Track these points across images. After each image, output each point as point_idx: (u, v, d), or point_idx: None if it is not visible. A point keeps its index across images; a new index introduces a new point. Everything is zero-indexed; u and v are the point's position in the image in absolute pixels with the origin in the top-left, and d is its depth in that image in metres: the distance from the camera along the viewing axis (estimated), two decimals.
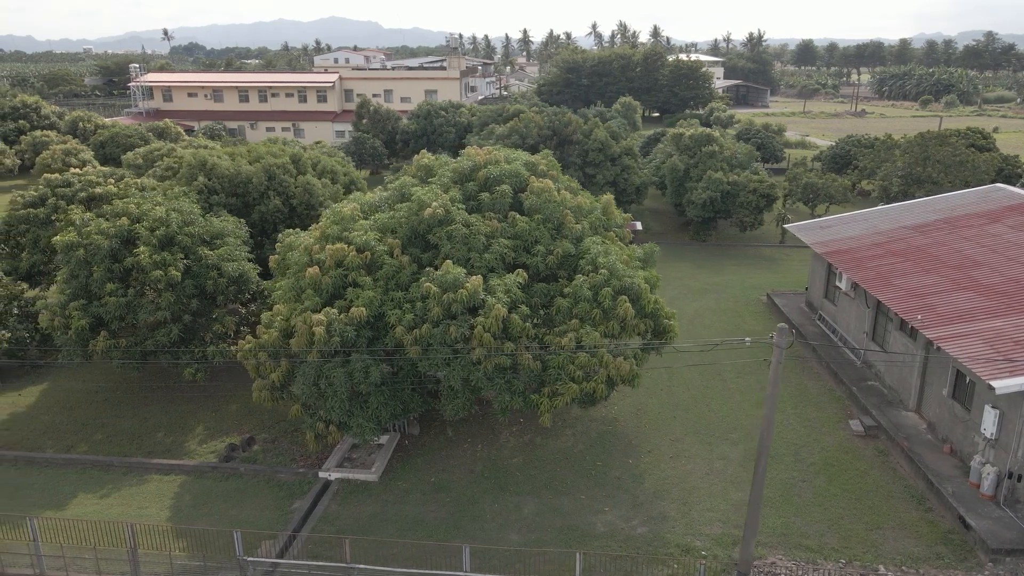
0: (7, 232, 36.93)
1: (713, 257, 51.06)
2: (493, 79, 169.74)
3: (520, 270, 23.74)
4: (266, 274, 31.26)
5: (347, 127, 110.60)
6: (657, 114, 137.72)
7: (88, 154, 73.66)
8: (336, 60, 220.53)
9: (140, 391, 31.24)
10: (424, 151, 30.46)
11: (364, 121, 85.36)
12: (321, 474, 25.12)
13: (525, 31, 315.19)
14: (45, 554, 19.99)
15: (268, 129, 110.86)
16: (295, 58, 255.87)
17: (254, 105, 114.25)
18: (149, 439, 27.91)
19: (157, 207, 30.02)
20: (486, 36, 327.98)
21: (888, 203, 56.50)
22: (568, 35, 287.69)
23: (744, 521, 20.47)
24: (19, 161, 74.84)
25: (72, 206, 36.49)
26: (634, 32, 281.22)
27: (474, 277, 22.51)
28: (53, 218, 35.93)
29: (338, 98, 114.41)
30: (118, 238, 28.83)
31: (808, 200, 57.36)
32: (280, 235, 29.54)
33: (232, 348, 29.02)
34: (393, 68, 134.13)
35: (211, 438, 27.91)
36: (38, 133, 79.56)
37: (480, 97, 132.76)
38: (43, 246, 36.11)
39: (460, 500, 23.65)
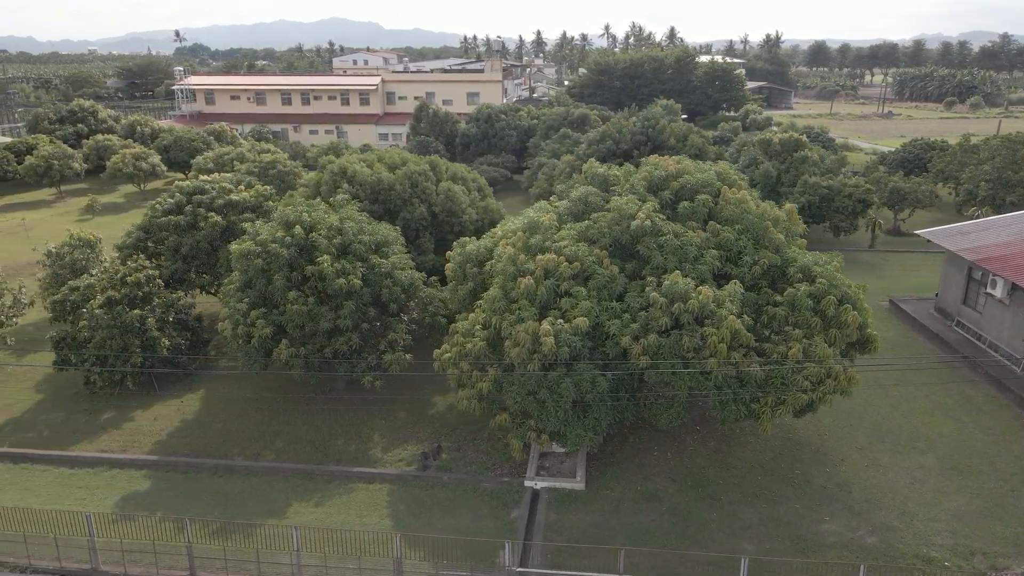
0: (145, 239, 36.97)
1: None
2: (520, 81, 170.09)
3: (735, 281, 23.86)
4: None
5: (391, 129, 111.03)
6: (684, 116, 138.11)
7: (156, 158, 73.84)
8: (355, 62, 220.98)
9: (301, 399, 31.27)
10: (592, 160, 30.58)
11: (422, 124, 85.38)
12: (527, 483, 25.22)
13: (539, 32, 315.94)
14: (305, 564, 20.08)
15: (311, 131, 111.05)
16: (317, 59, 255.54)
17: (297, 107, 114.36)
18: (330, 447, 27.99)
19: (331, 215, 30.12)
20: (499, 37, 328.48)
21: (977, 208, 56.71)
22: (584, 36, 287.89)
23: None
24: (86, 165, 74.83)
25: (211, 214, 36.66)
26: (649, 33, 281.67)
27: (705, 288, 22.63)
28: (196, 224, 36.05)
29: (380, 100, 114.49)
30: (296, 246, 28.93)
31: (893, 204, 57.56)
32: (456, 243, 29.69)
33: (407, 356, 29.26)
34: (432, 71, 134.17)
35: (392, 446, 27.98)
36: (100, 137, 79.65)
37: (514, 99, 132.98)
38: (184, 253, 36.20)
39: (675, 509, 23.78)
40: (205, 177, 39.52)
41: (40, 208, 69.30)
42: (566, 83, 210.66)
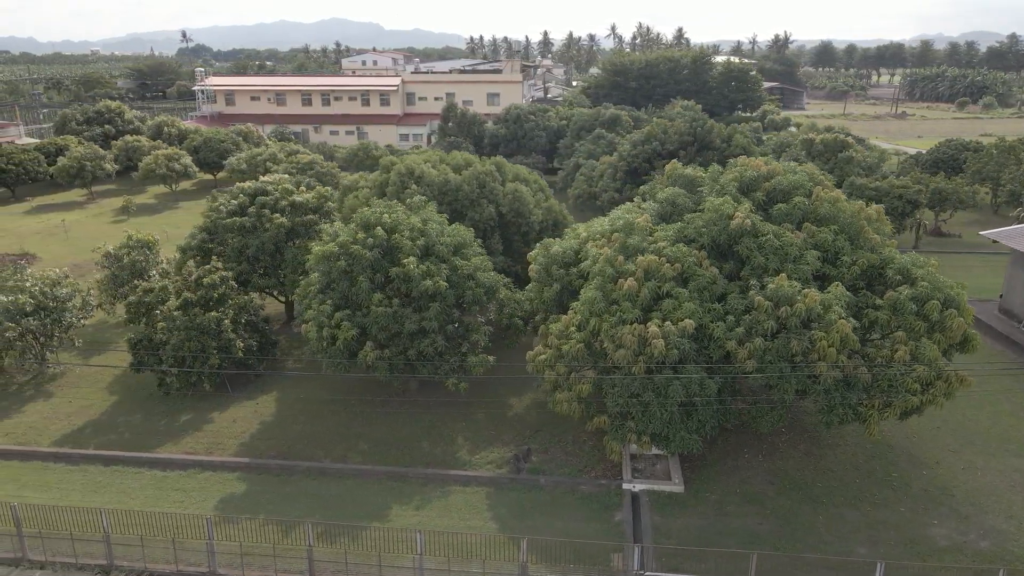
0: (209, 240, 36.84)
1: None
2: (533, 82, 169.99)
3: (837, 283, 23.74)
4: None
5: (411, 130, 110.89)
6: None
7: (187, 159, 73.70)
8: (363, 62, 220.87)
9: (375, 401, 31.09)
10: (675, 161, 30.48)
11: (450, 124, 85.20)
12: (625, 486, 25.10)
13: (545, 33, 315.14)
14: (426, 568, 19.96)
15: (332, 132, 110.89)
16: (325, 60, 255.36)
17: (317, 108, 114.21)
18: (415, 449, 27.86)
19: (411, 216, 30.01)
20: (506, 39, 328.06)
21: (1021, 208, 56.60)
22: (592, 37, 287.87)
23: None
24: (116, 166, 74.66)
25: (276, 215, 36.54)
26: (658, 34, 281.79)
27: (811, 291, 22.52)
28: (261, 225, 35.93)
29: (401, 101, 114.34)
30: (379, 248, 28.81)
31: (934, 205, 57.45)
32: (539, 244, 29.62)
33: (490, 358, 29.11)
34: (450, 71, 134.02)
35: (478, 448, 27.86)
36: (129, 138, 79.49)
37: (529, 100, 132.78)
38: (249, 255, 36.07)
39: (779, 512, 23.66)
40: (266, 178, 39.38)
41: (73, 209, 69.09)
42: (574, 84, 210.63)
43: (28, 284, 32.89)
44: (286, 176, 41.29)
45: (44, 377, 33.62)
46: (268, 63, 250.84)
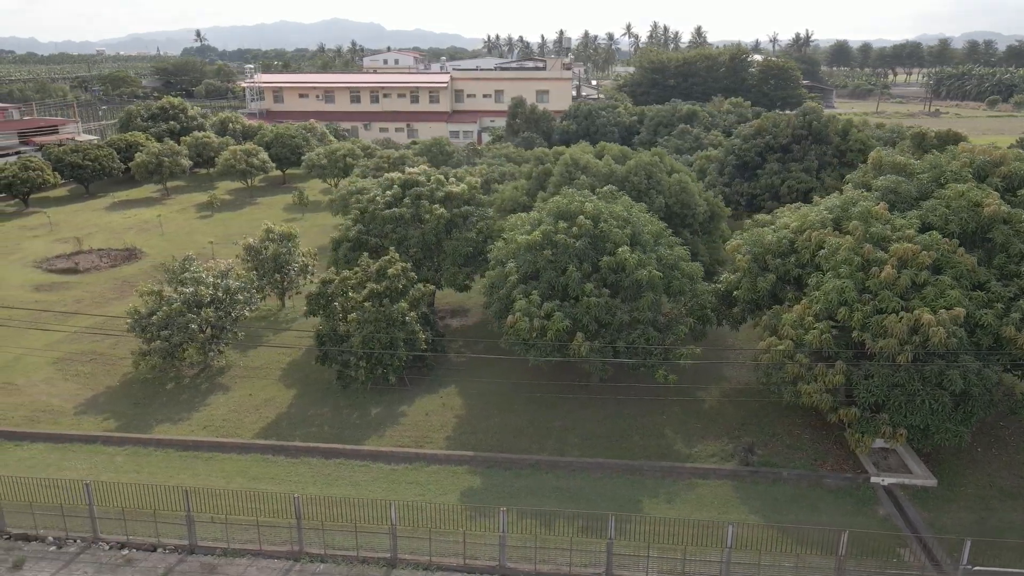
0: (366, 232, 36.13)
1: None
2: None
3: None
4: None
5: (461, 127, 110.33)
6: None
7: (264, 154, 72.97)
8: (385, 61, 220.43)
9: (559, 393, 30.34)
10: (879, 149, 29.96)
11: (517, 120, 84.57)
12: (874, 479, 24.47)
13: (561, 32, 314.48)
14: (735, 561, 19.32)
15: (381, 130, 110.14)
16: (341, 59, 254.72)
17: (365, 106, 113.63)
18: (627, 442, 27.23)
19: (614, 205, 29.38)
20: (521, 37, 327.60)
21: None
22: (611, 36, 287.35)
23: None
24: (190, 162, 73.94)
25: (435, 206, 35.90)
26: (676, 33, 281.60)
27: None
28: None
29: (449, 98, 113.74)
30: (586, 237, 28.18)
31: None
32: (747, 233, 29.06)
33: (697, 350, 28.47)
34: (496, 68, 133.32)
35: (692, 442, 27.23)
36: (199, 134, 78.72)
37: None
38: (410, 246, 35.38)
39: None
40: (412, 170, 38.71)
41: (153, 205, 68.33)
42: (593, 83, 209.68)
43: (205, 276, 32.20)
44: (430, 168, 40.57)
45: (212, 370, 32.93)
46: (276, 63, 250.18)
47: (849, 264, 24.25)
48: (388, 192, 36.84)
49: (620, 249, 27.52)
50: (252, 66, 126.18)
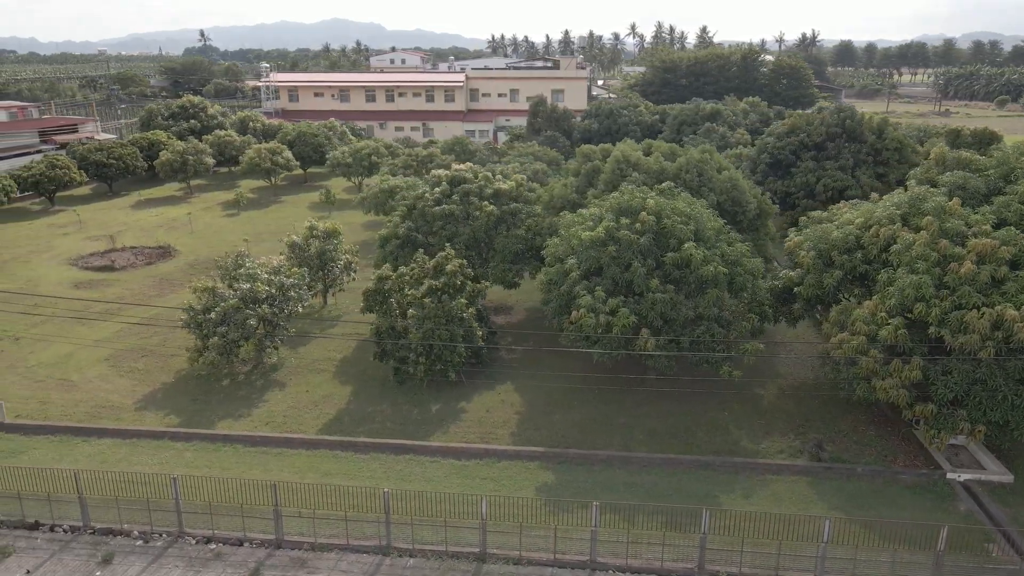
0: (414, 230, 36.05)
1: None
2: None
3: None
4: None
5: (477, 126, 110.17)
6: None
7: (288, 153, 72.91)
8: (391, 61, 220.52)
9: (622, 388, 30.32)
10: (941, 145, 29.88)
11: (538, 119, 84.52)
12: (949, 475, 24.41)
13: (566, 32, 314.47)
14: (829, 556, 19.25)
15: (397, 128, 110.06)
16: (356, 59, 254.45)
17: (381, 105, 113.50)
18: (694, 438, 27.19)
19: (676, 202, 29.32)
20: (526, 37, 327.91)
21: None
22: (617, 36, 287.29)
23: None
24: (213, 160, 73.87)
25: (485, 203, 35.84)
26: (682, 33, 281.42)
27: None
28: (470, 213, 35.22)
29: (464, 97, 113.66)
30: (649, 233, 28.13)
31: None
32: (807, 230, 29.04)
33: (761, 346, 28.41)
34: (507, 68, 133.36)
35: (757, 438, 27.19)
36: (221, 133, 78.63)
37: None
38: (460, 243, 35.29)
39: None
40: (460, 167, 38.62)
41: (177, 203, 68.22)
42: (599, 82, 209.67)
43: (260, 272, 32.12)
44: (472, 166, 40.47)
45: (265, 367, 32.84)
46: (279, 63, 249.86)
47: (925, 260, 24.18)
48: (436, 189, 36.78)
49: (686, 245, 27.47)
50: (268, 65, 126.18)
